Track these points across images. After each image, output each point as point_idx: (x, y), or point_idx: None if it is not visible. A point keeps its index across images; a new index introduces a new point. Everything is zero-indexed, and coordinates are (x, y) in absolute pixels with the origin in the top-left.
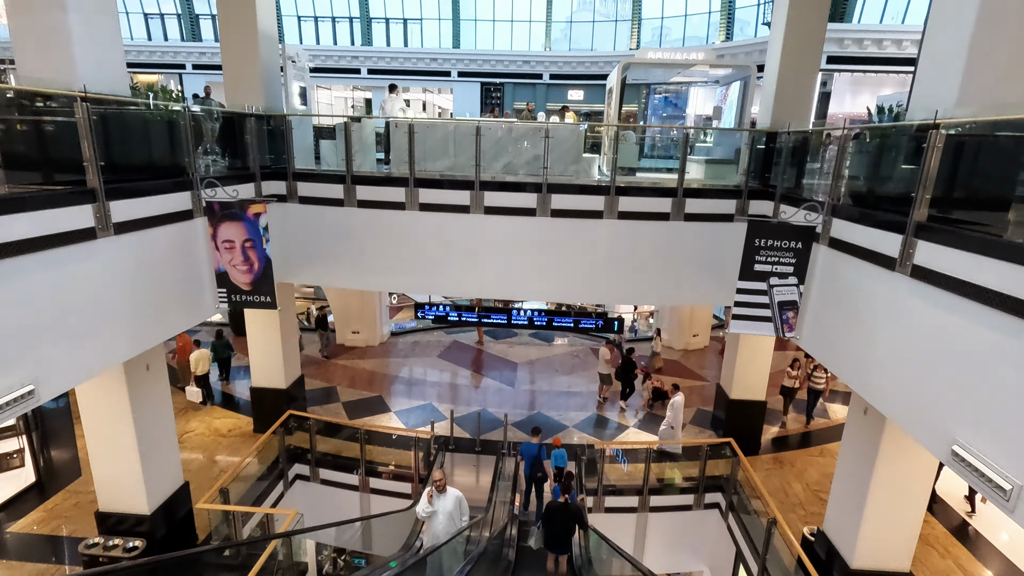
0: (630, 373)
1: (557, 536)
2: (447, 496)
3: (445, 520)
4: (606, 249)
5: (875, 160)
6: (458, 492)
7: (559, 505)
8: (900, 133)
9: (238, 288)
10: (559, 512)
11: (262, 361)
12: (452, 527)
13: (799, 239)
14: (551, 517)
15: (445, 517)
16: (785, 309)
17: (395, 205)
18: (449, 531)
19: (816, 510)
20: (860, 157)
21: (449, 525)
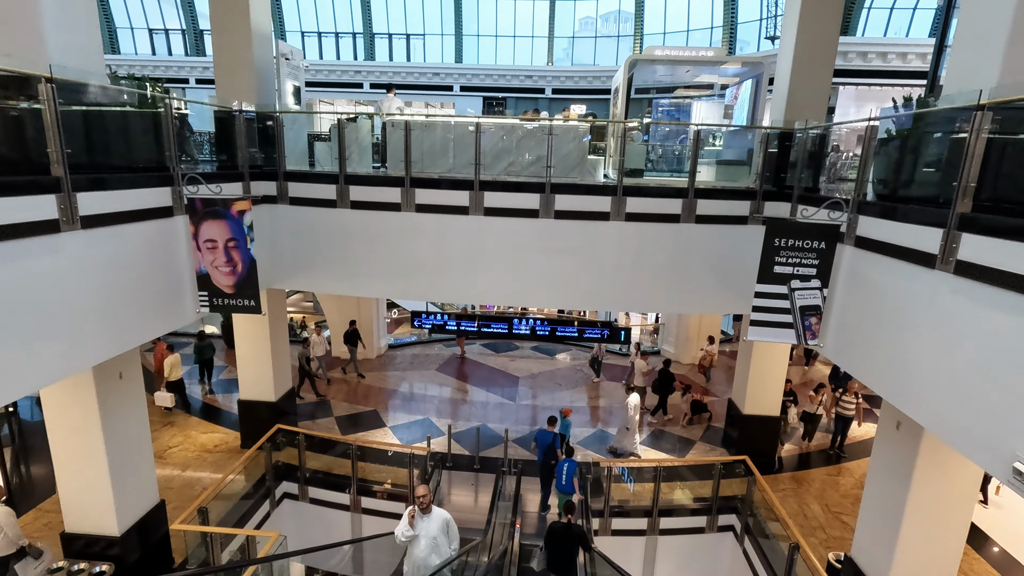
0: (668, 387)
1: (560, 558)
2: (432, 517)
3: (428, 547)
4: (613, 253)
5: (908, 151)
6: (446, 514)
7: (562, 526)
8: (936, 119)
9: (220, 291)
10: (561, 533)
11: (251, 373)
12: (437, 555)
13: (822, 238)
14: (553, 538)
15: (429, 543)
16: (808, 314)
17: (390, 206)
18: (432, 561)
19: (837, 534)
20: (890, 149)
21: (433, 553)
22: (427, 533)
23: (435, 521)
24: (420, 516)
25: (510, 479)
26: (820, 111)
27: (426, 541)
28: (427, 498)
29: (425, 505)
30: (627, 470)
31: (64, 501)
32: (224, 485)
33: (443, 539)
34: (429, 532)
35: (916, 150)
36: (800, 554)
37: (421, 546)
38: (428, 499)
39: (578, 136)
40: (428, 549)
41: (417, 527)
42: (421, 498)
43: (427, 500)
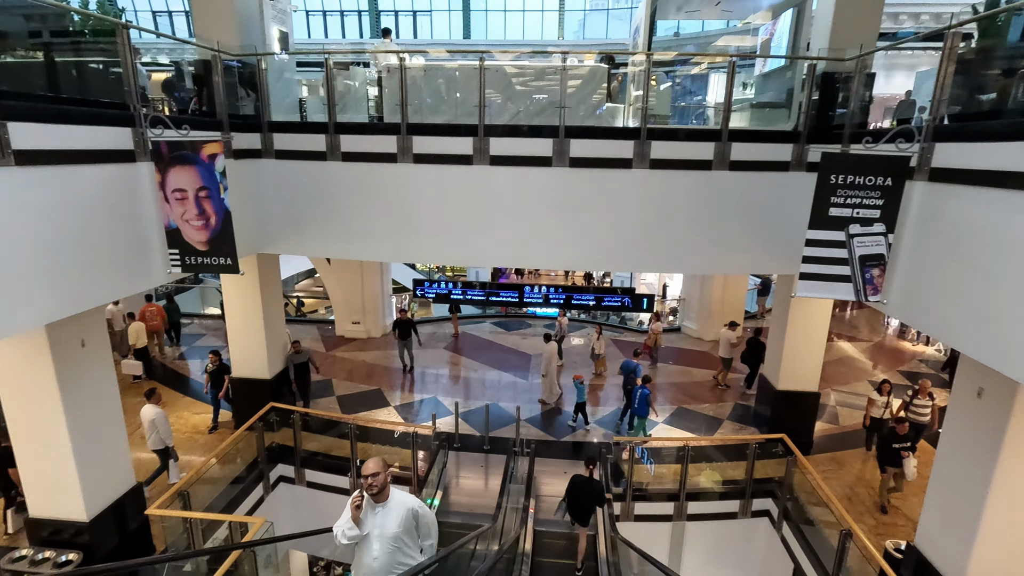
0: (758, 357)
1: (581, 508)
2: (390, 508)
3: (385, 551)
4: (636, 206)
5: (1005, 54)
6: (413, 501)
7: (584, 479)
8: None
9: (192, 248)
10: (584, 486)
11: (243, 349)
12: (399, 560)
13: (889, 174)
14: (576, 490)
15: (386, 546)
16: (869, 265)
17: (385, 157)
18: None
19: (888, 519)
20: (979, 57)
21: (393, 556)
22: (382, 532)
23: (394, 513)
24: (371, 507)
25: (522, 460)
26: (870, 40)
27: (381, 544)
28: (380, 479)
29: (377, 489)
30: (647, 451)
31: (26, 484)
32: (207, 468)
33: (409, 539)
34: (386, 530)
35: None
36: (853, 542)
37: (374, 551)
38: (382, 480)
39: (595, 79)
40: (386, 555)
41: (366, 523)
42: (371, 479)
43: (380, 482)
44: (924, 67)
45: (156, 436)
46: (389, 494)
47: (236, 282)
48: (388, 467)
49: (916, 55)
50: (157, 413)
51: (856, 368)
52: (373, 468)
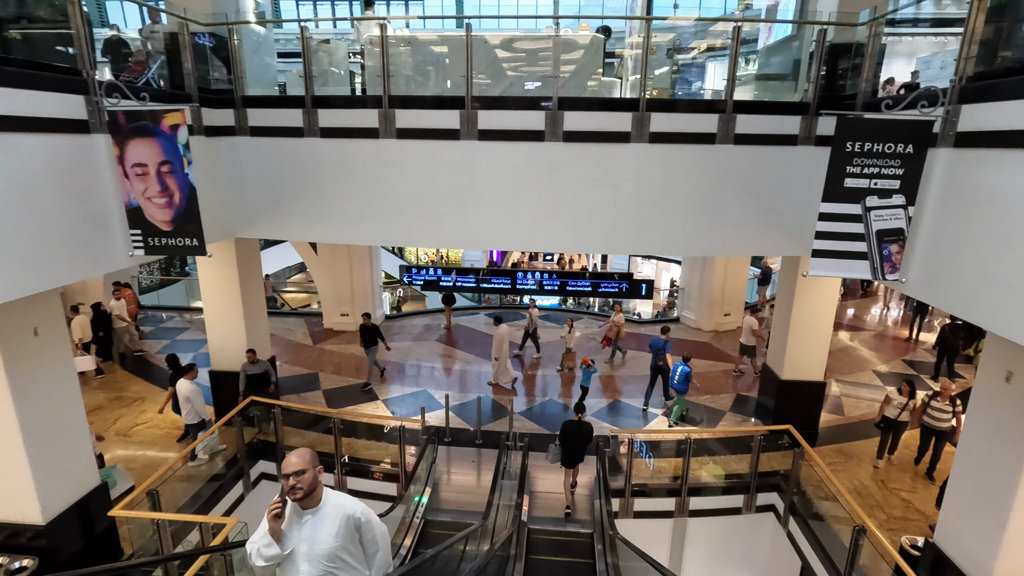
0: (952, 346)
1: (572, 451)
2: (322, 515)
3: (318, 570)
4: (635, 183)
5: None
6: (355, 506)
7: (574, 423)
8: None
9: (155, 228)
10: (574, 429)
11: (221, 339)
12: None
13: (910, 140)
14: (567, 435)
15: (318, 564)
16: (887, 241)
17: (366, 132)
18: None
19: (899, 514)
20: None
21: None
22: (312, 548)
23: (328, 522)
24: (296, 516)
25: (515, 455)
26: (882, 5)
27: (311, 565)
28: (306, 478)
29: (302, 492)
30: (645, 445)
31: None
32: (179, 465)
33: (351, 556)
34: (317, 545)
35: None
36: (867, 538)
37: (301, 574)
38: (309, 479)
39: (592, 45)
40: (318, 570)
41: (290, 538)
42: (292, 479)
43: (306, 482)
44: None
45: (192, 410)
46: (321, 498)
47: (213, 270)
48: (318, 462)
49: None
50: (192, 388)
51: (856, 357)
52: (297, 464)
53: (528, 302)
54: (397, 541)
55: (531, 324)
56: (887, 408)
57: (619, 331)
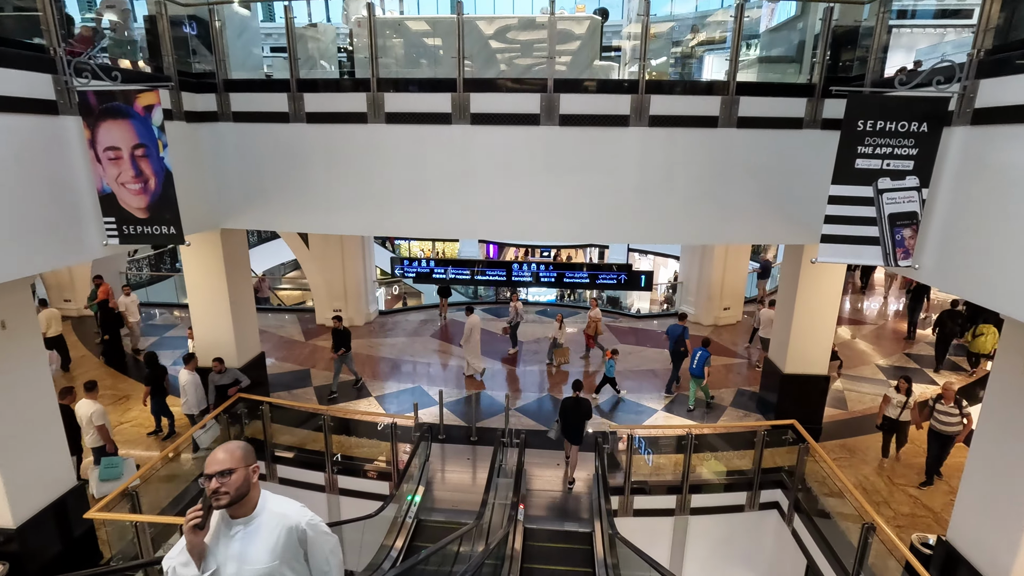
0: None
1: (571, 427)
2: (257, 526)
3: None
4: (634, 169)
5: None
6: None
7: (572, 400)
8: None
9: (130, 215)
10: (573, 406)
11: (208, 335)
12: None
13: (925, 119)
14: (566, 410)
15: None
16: (900, 225)
17: (354, 117)
18: None
19: (906, 510)
20: None
21: None
22: (242, 567)
23: (264, 535)
24: (224, 526)
25: (511, 452)
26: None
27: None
28: (234, 480)
29: (229, 498)
30: (645, 441)
31: None
32: (161, 464)
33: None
34: (248, 563)
35: None
36: (876, 536)
37: None
38: (238, 481)
39: (590, 27)
40: None
41: (214, 553)
42: (215, 480)
43: (234, 484)
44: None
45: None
46: (256, 504)
47: (198, 263)
48: (254, 458)
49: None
50: (189, 379)
51: (857, 351)
52: (223, 461)
53: (511, 295)
54: (388, 542)
55: (515, 318)
56: (887, 408)
57: (596, 327)
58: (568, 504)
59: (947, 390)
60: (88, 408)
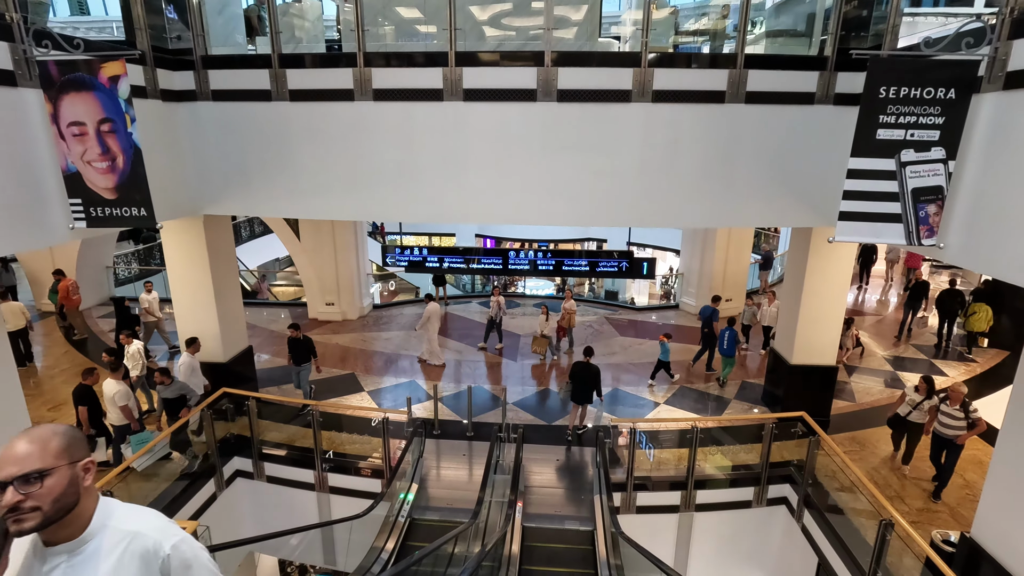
0: None
1: (580, 389)
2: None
3: None
4: (637, 148)
5: None
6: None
7: (582, 364)
8: None
9: (98, 196)
10: (582, 370)
11: (191, 327)
12: None
13: (952, 84)
14: (575, 374)
15: None
16: (924, 200)
17: (340, 95)
18: None
19: (920, 505)
20: None
21: None
22: None
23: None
24: (38, 560)
25: (509, 447)
26: None
27: None
28: (46, 491)
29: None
30: (645, 435)
31: None
32: (131, 460)
33: None
34: None
35: None
36: (895, 532)
37: None
38: (54, 492)
39: (587, 10)
40: None
41: None
42: (14, 493)
43: (48, 497)
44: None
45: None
46: (90, 520)
47: (180, 252)
48: (80, 451)
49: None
50: (184, 362)
51: (863, 343)
52: (24, 459)
53: (492, 288)
54: (379, 544)
55: (497, 313)
56: (900, 406)
57: (571, 319)
58: (568, 501)
59: (954, 391)
60: (112, 388)
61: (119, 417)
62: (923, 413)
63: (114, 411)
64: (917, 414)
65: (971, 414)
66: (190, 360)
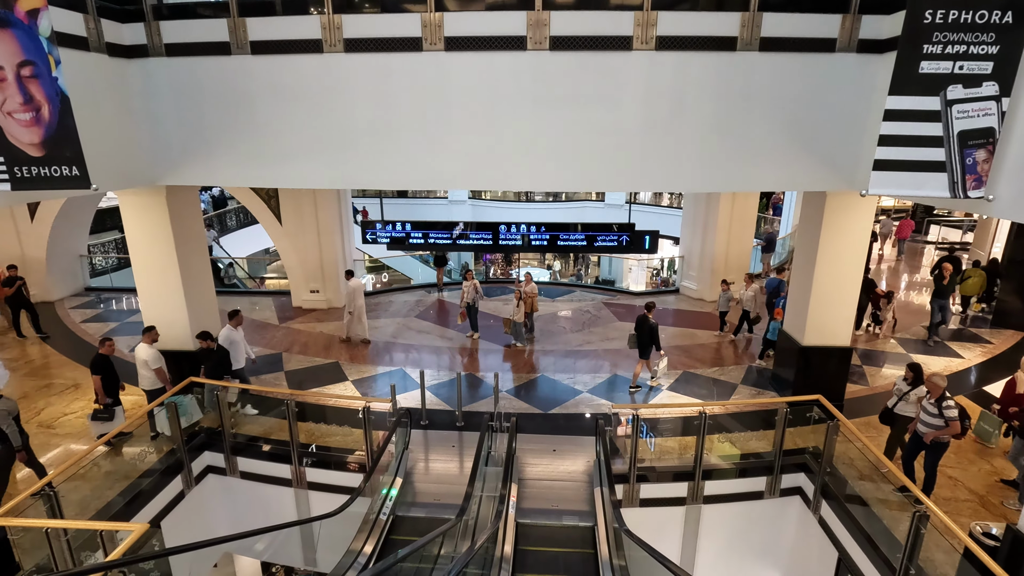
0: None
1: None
2: None
3: None
4: (639, 103)
5: None
6: None
7: (642, 317)
8: None
9: (22, 154)
10: (643, 322)
11: (157, 312)
12: None
13: (1008, 5)
14: (640, 326)
15: None
16: (972, 145)
17: (307, 46)
18: None
19: (947, 493)
20: None
21: None
22: None
23: None
24: None
25: (501, 437)
26: None
27: None
28: None
29: None
30: (652, 423)
31: None
32: (90, 458)
33: None
34: None
35: None
36: (931, 525)
37: None
38: None
39: None
40: None
41: None
42: None
43: None
44: None
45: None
46: None
47: (142, 230)
48: None
49: None
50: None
51: None
52: None
53: (465, 274)
54: (356, 546)
55: (474, 298)
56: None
57: (532, 303)
58: (568, 494)
59: (930, 383)
60: (145, 352)
61: (153, 381)
62: (910, 404)
63: (148, 375)
64: (904, 406)
65: (945, 411)
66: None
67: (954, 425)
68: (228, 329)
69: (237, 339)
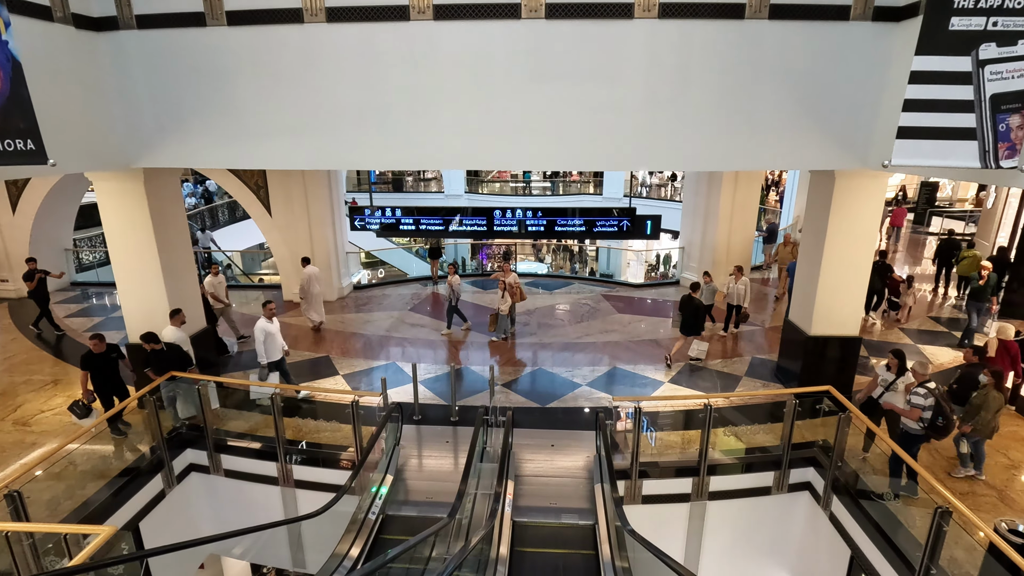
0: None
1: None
2: None
3: None
4: (640, 76)
5: None
6: None
7: (687, 297)
8: None
9: None
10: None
11: (137, 304)
12: None
13: None
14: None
15: None
16: (1006, 110)
17: (287, 15)
18: None
19: (964, 488)
20: None
21: None
22: None
23: None
24: None
25: (497, 432)
26: None
27: None
28: None
29: None
30: (654, 416)
31: None
32: (61, 455)
33: None
34: None
35: None
36: (953, 521)
37: None
38: None
39: None
40: None
41: None
42: None
43: None
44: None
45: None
46: None
47: (118, 215)
48: None
49: None
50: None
51: None
52: None
53: (448, 269)
54: (342, 549)
55: (453, 294)
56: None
57: (521, 292)
58: (567, 491)
59: (914, 371)
60: (173, 335)
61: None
62: (898, 395)
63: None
64: (891, 396)
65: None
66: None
67: (913, 412)
68: (263, 321)
69: (273, 330)
